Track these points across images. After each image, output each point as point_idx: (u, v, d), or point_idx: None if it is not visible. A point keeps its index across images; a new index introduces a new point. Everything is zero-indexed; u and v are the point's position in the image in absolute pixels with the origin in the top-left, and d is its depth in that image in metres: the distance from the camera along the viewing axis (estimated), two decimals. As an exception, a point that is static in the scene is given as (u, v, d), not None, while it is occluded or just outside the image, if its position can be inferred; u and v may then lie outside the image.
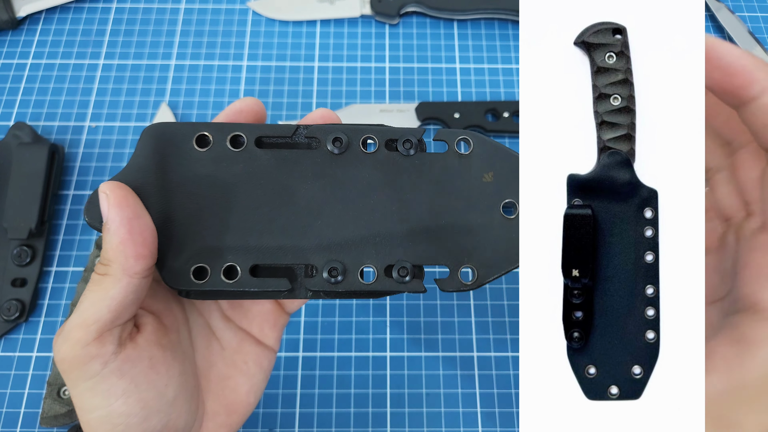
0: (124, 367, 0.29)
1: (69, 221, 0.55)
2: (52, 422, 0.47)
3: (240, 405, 0.35)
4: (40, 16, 0.66)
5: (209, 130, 0.31)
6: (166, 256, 0.30)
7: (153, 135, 0.31)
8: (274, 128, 0.32)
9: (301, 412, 0.49)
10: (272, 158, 0.31)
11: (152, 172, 0.31)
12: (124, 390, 0.28)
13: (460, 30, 0.67)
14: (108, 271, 0.28)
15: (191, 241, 0.31)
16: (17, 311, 0.50)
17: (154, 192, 0.31)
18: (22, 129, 0.56)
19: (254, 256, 0.31)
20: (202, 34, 0.66)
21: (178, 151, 0.31)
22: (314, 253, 0.31)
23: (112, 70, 0.63)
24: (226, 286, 0.30)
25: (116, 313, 0.28)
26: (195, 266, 0.30)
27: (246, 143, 0.31)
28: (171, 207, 0.31)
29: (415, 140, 0.32)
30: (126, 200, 0.29)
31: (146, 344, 0.30)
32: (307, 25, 0.67)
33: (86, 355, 0.28)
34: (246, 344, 0.36)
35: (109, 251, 0.28)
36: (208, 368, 0.35)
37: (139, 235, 0.28)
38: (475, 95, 0.63)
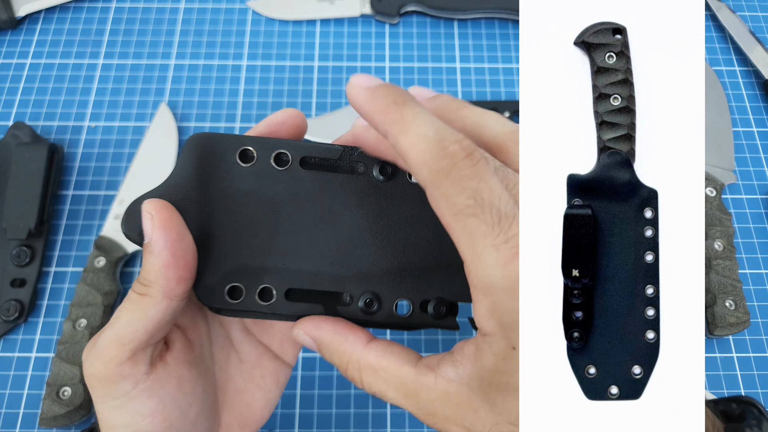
0: (154, 387, 0.28)
1: (68, 221, 0.55)
2: (51, 423, 0.47)
3: (253, 419, 0.35)
4: (39, 16, 0.66)
5: (254, 145, 0.30)
6: (201, 272, 0.30)
7: (197, 146, 0.30)
8: (320, 149, 0.31)
9: (301, 412, 0.49)
10: (316, 180, 0.31)
11: (193, 186, 0.30)
12: (152, 410, 0.28)
13: (461, 29, 0.67)
14: (148, 292, 0.27)
15: (228, 259, 0.30)
16: (16, 312, 0.50)
17: (194, 206, 0.30)
18: (22, 129, 0.56)
19: (290, 279, 0.30)
20: (202, 33, 0.65)
21: (221, 165, 0.30)
22: (351, 281, 0.30)
23: (111, 70, 0.63)
24: (260, 308, 0.30)
25: (152, 334, 0.28)
26: (230, 285, 0.30)
27: (291, 162, 0.30)
28: (210, 222, 0.30)
29: None
30: (171, 222, 0.28)
31: (175, 363, 0.30)
32: (307, 25, 0.66)
33: (119, 374, 0.27)
34: (264, 359, 0.36)
35: (150, 273, 0.27)
36: (225, 381, 0.34)
37: (182, 258, 0.28)
38: (476, 95, 0.63)
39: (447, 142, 0.23)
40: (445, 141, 0.23)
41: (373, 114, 0.25)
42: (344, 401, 0.49)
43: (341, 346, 0.29)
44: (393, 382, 0.27)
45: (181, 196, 0.30)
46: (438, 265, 0.31)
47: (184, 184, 0.30)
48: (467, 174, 0.23)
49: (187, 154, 0.30)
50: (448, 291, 0.30)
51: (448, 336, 0.52)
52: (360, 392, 0.49)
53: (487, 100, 0.61)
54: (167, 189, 0.30)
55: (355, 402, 0.49)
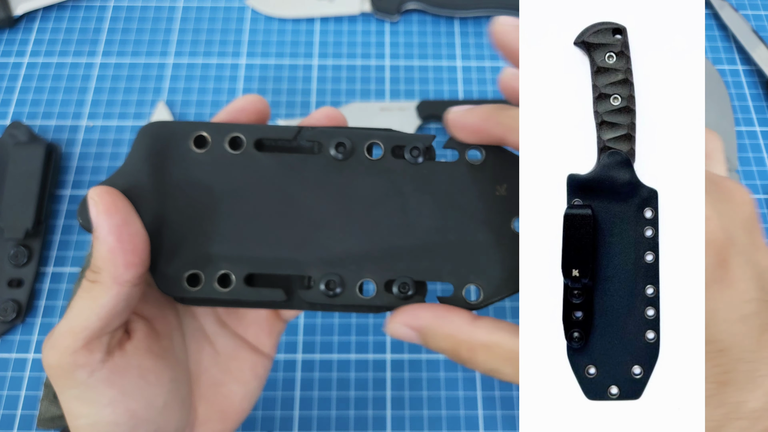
0: (111, 376, 0.28)
1: (66, 221, 0.55)
2: (48, 424, 0.47)
3: (233, 412, 0.35)
4: (36, 15, 0.65)
5: (207, 130, 0.30)
6: (159, 261, 0.29)
7: (149, 134, 0.30)
8: (275, 130, 0.30)
9: (300, 414, 0.49)
10: (273, 162, 0.30)
11: (147, 174, 0.30)
12: (111, 399, 0.28)
13: (461, 27, 0.67)
14: (97, 279, 0.27)
15: (186, 247, 0.30)
16: (14, 312, 0.50)
17: (148, 195, 0.30)
18: (19, 128, 0.55)
19: (250, 265, 0.30)
20: (200, 31, 0.65)
21: (175, 152, 0.30)
22: (312, 264, 0.30)
23: (109, 69, 0.63)
24: (219, 294, 0.29)
25: (105, 322, 0.28)
26: (188, 273, 0.29)
27: (245, 145, 0.30)
28: (166, 210, 0.30)
29: (423, 147, 0.30)
30: (115, 206, 0.28)
31: (135, 352, 0.30)
32: (306, 23, 0.66)
33: (73, 363, 0.27)
34: (241, 350, 0.35)
35: (98, 259, 0.27)
36: (200, 374, 0.34)
37: (129, 243, 0.27)
38: (477, 93, 0.63)
39: None
40: None
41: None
42: (343, 403, 0.49)
43: (447, 329, 0.28)
44: (507, 356, 0.27)
45: (132, 185, 0.29)
46: (403, 244, 0.30)
47: (136, 172, 0.30)
48: None
49: (139, 142, 0.30)
50: (415, 270, 0.30)
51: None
52: (359, 394, 0.49)
53: (488, 99, 0.61)
54: (118, 177, 0.30)
55: (355, 404, 0.49)
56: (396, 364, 0.50)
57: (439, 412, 0.49)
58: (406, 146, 0.30)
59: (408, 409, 0.49)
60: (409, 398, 0.49)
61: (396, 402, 0.49)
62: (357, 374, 0.50)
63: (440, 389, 0.50)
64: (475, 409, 0.49)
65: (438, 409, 0.49)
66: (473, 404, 0.49)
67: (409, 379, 0.50)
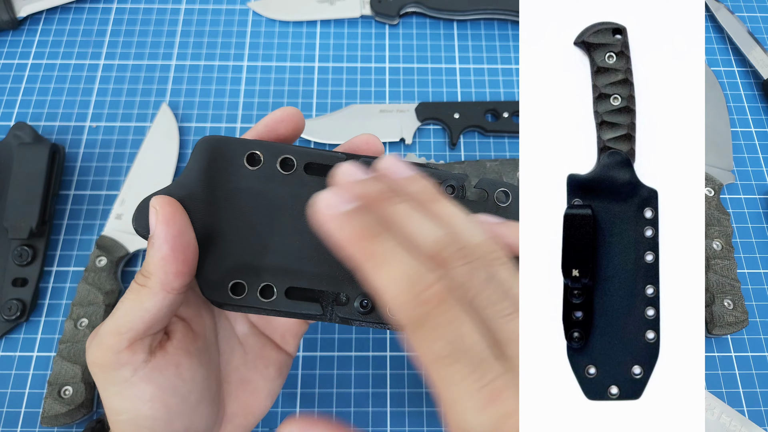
0: (152, 374, 0.29)
1: (70, 221, 0.55)
2: (52, 422, 0.47)
3: (257, 408, 0.36)
4: (40, 17, 0.66)
5: (261, 149, 0.32)
6: (205, 268, 0.31)
7: (206, 148, 0.32)
8: (324, 156, 0.32)
9: (302, 411, 0.49)
10: (319, 186, 0.32)
11: (202, 185, 0.31)
12: (151, 396, 0.29)
13: (460, 30, 0.67)
14: (147, 284, 0.29)
15: (232, 257, 0.31)
16: (18, 311, 0.50)
17: (201, 205, 0.31)
18: (23, 129, 0.56)
19: (291, 279, 0.31)
20: (203, 34, 0.66)
21: (229, 167, 0.32)
22: (348, 283, 0.31)
23: (112, 71, 0.63)
24: (261, 304, 0.31)
25: (149, 325, 0.29)
26: (233, 282, 0.31)
27: (296, 167, 0.32)
28: (216, 221, 0.31)
29: (458, 185, 0.32)
30: (174, 217, 0.29)
31: (174, 352, 0.31)
32: (307, 26, 0.67)
33: (117, 361, 0.29)
34: (267, 349, 0.37)
35: (150, 264, 0.29)
36: (230, 372, 0.36)
37: (182, 253, 0.29)
38: (475, 95, 0.63)
39: (420, 287, 0.22)
40: (417, 286, 0.22)
41: (344, 245, 0.24)
42: (345, 400, 0.49)
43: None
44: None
45: (188, 195, 0.31)
46: None
47: (192, 183, 0.31)
48: (441, 322, 0.22)
49: (197, 155, 0.32)
50: None
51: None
52: (361, 391, 0.50)
53: (486, 101, 0.62)
54: (175, 187, 0.31)
55: (356, 400, 0.49)
56: (396, 361, 0.51)
57: (439, 409, 0.49)
58: (442, 183, 0.32)
59: (408, 405, 0.49)
60: (408, 395, 0.50)
61: (396, 398, 0.49)
62: (357, 371, 0.50)
63: (441, 387, 0.50)
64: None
65: (438, 405, 0.49)
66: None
67: (408, 376, 0.50)
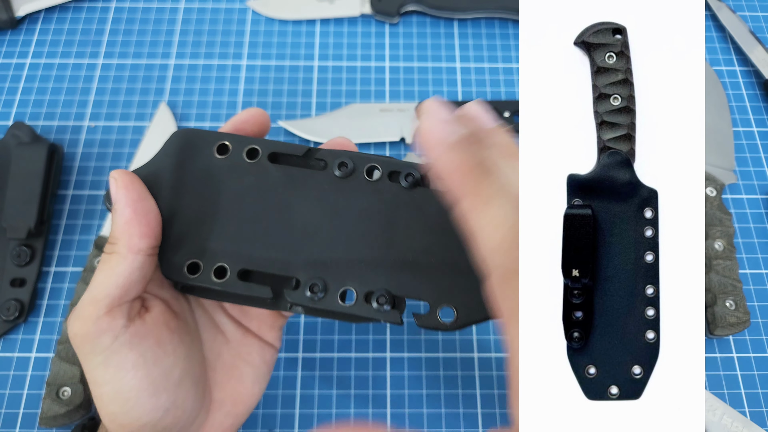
0: (133, 340, 0.30)
1: (68, 221, 0.55)
2: (51, 423, 0.47)
3: (246, 395, 0.37)
4: (39, 16, 0.66)
5: (230, 141, 0.33)
6: (166, 248, 0.32)
7: (180, 137, 0.33)
8: (288, 146, 0.33)
9: (301, 412, 0.49)
10: (281, 174, 0.33)
11: (169, 170, 0.33)
12: (133, 363, 0.30)
13: (461, 29, 0.67)
14: (115, 249, 0.30)
15: (192, 239, 0.33)
16: (16, 311, 0.50)
17: (167, 188, 0.33)
18: (21, 129, 0.55)
19: (245, 261, 0.32)
20: (202, 33, 0.65)
21: (198, 155, 0.33)
22: (301, 268, 0.32)
23: (111, 70, 0.63)
24: (214, 284, 0.32)
25: (124, 289, 0.30)
26: (190, 261, 0.32)
27: (260, 156, 0.33)
28: (179, 205, 0.33)
29: (418, 175, 0.32)
30: (132, 184, 0.31)
31: (154, 323, 0.32)
32: (307, 25, 0.66)
33: (97, 329, 0.30)
34: (248, 338, 0.38)
35: (115, 230, 0.30)
36: (214, 359, 0.36)
37: (144, 216, 0.31)
38: (476, 95, 0.63)
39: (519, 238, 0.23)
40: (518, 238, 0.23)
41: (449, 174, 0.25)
42: (344, 401, 0.49)
43: None
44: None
45: (155, 178, 0.33)
46: (387, 259, 0.32)
47: (159, 168, 0.33)
48: None
49: (168, 144, 0.34)
50: (395, 285, 0.32)
51: (448, 336, 0.52)
52: (360, 393, 0.49)
53: (487, 100, 0.61)
54: (142, 168, 0.33)
55: (355, 402, 0.49)
56: (396, 362, 0.51)
57: (439, 410, 0.49)
58: (401, 172, 0.33)
59: (408, 407, 0.49)
60: (408, 396, 0.49)
61: (396, 400, 0.49)
62: (357, 372, 0.50)
63: (440, 388, 0.50)
64: (474, 407, 0.49)
65: (438, 407, 0.49)
66: (473, 403, 0.49)
67: (408, 377, 0.50)
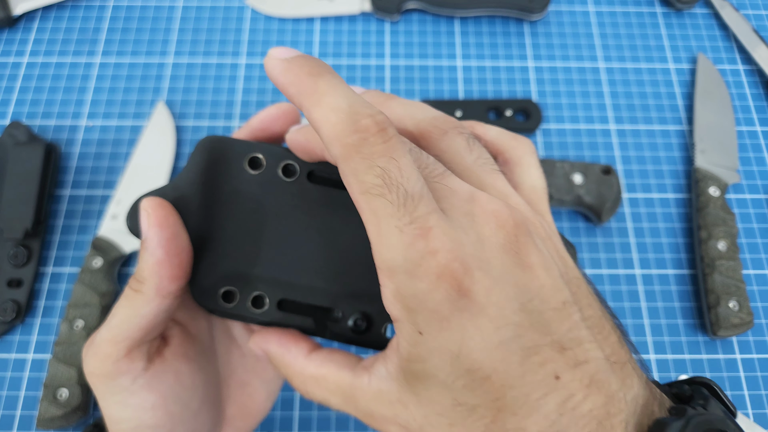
0: (152, 382, 0.29)
1: (65, 221, 0.55)
2: (48, 425, 0.46)
3: (257, 410, 0.36)
4: (36, 14, 0.65)
5: (264, 153, 0.30)
6: (198, 272, 0.30)
7: (206, 149, 0.30)
8: (329, 165, 0.31)
9: (300, 415, 0.49)
10: (321, 195, 0.30)
11: (198, 187, 0.30)
12: (153, 404, 0.29)
13: (462, 27, 0.67)
14: (141, 289, 0.28)
15: (225, 263, 0.30)
16: (13, 312, 0.50)
17: (196, 208, 0.30)
18: (18, 128, 0.55)
19: (284, 290, 0.30)
20: (200, 31, 0.65)
21: (229, 170, 0.30)
22: (344, 299, 0.30)
23: (108, 69, 0.62)
24: (251, 314, 0.30)
25: (146, 331, 0.28)
26: (225, 289, 0.30)
27: (298, 174, 0.30)
28: (212, 225, 0.30)
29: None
30: (167, 220, 0.28)
31: (173, 358, 0.30)
32: (307, 23, 0.66)
33: (116, 370, 0.28)
34: None
35: (144, 270, 0.28)
36: (228, 375, 0.35)
37: (176, 257, 0.28)
38: (477, 93, 0.62)
39: (360, 116, 0.22)
40: (358, 115, 0.22)
41: (288, 86, 0.24)
42: (344, 403, 0.49)
43: (285, 358, 0.29)
44: (332, 388, 0.27)
45: (183, 197, 0.30)
46: None
47: (188, 185, 0.30)
48: (377, 150, 0.22)
49: (196, 156, 0.30)
50: None
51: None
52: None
53: (488, 99, 0.61)
54: (171, 188, 0.30)
55: (355, 404, 0.49)
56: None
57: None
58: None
59: (409, 410, 0.49)
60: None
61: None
62: (357, 375, 0.50)
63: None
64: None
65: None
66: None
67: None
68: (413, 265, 0.21)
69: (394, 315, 0.23)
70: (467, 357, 0.22)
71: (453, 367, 0.22)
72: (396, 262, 0.22)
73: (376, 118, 0.22)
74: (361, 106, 0.22)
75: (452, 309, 0.22)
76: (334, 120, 0.22)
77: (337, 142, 0.22)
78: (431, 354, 0.22)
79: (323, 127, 0.23)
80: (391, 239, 0.22)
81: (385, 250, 0.22)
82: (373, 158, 0.22)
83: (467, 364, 0.22)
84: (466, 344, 0.22)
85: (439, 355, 0.22)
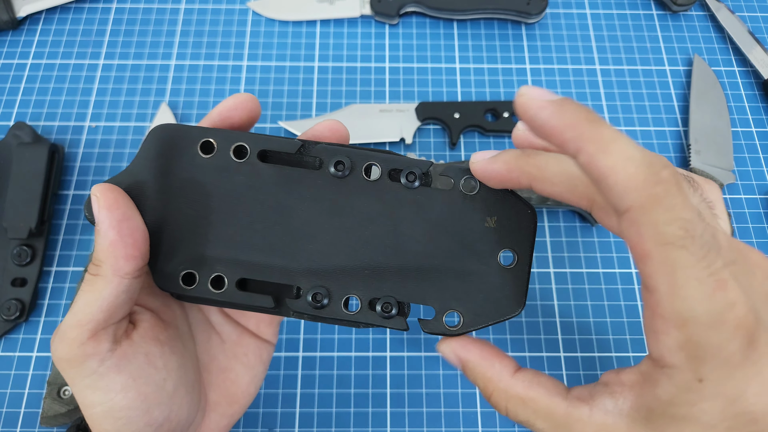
0: (120, 363, 0.29)
1: (69, 221, 0.55)
2: (52, 422, 0.47)
3: (241, 395, 0.36)
4: (40, 17, 0.66)
5: (215, 137, 0.31)
6: (158, 258, 0.31)
7: (158, 136, 0.31)
8: (279, 142, 0.31)
9: (301, 411, 0.49)
10: (273, 174, 0.31)
11: (153, 174, 0.31)
12: (123, 385, 0.29)
13: (460, 30, 0.67)
14: (99, 272, 0.29)
15: (184, 247, 0.31)
16: (17, 311, 0.50)
17: (152, 194, 0.31)
18: (22, 129, 0.56)
19: (243, 269, 0.31)
20: (202, 34, 0.66)
21: (182, 155, 0.31)
22: (302, 275, 0.31)
23: (112, 70, 0.63)
24: (212, 295, 0.31)
25: (109, 313, 0.29)
26: (184, 272, 0.31)
27: (249, 155, 0.31)
28: (168, 211, 0.31)
29: (419, 173, 0.31)
30: (116, 203, 0.29)
31: (141, 340, 0.31)
32: (307, 25, 0.67)
33: (83, 354, 0.28)
34: (245, 337, 0.37)
35: (99, 252, 0.29)
36: (209, 361, 0.36)
37: (129, 237, 0.29)
38: (475, 95, 0.63)
39: (657, 167, 0.22)
40: (655, 166, 0.22)
41: (564, 129, 0.23)
42: (344, 400, 0.49)
43: (487, 372, 0.30)
44: (542, 414, 0.28)
45: (137, 183, 0.31)
46: (390, 264, 0.31)
47: (142, 171, 0.31)
48: (679, 203, 0.22)
49: (148, 143, 0.31)
50: (399, 291, 0.31)
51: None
52: (360, 391, 0.50)
53: (486, 101, 0.62)
54: (123, 176, 0.31)
55: (355, 401, 0.49)
56: (395, 362, 0.51)
57: (438, 409, 0.49)
58: (403, 170, 0.31)
59: (407, 406, 0.49)
60: (408, 395, 0.50)
61: (395, 399, 0.49)
62: (357, 371, 0.50)
63: (439, 387, 0.50)
64: (474, 406, 0.49)
65: (437, 406, 0.49)
66: (472, 401, 0.50)
67: (408, 376, 0.50)
68: (714, 317, 0.22)
69: (671, 362, 0.24)
70: (743, 402, 0.23)
71: (724, 412, 0.23)
72: (695, 312, 0.22)
73: (671, 169, 0.22)
74: (652, 157, 0.22)
75: (742, 358, 0.23)
76: (632, 170, 0.22)
77: (637, 193, 0.22)
78: (703, 399, 0.23)
79: (617, 176, 0.22)
80: (690, 291, 0.22)
81: (680, 302, 0.22)
82: (676, 211, 0.22)
83: (740, 408, 0.23)
84: (746, 390, 0.23)
85: (713, 400, 0.23)
